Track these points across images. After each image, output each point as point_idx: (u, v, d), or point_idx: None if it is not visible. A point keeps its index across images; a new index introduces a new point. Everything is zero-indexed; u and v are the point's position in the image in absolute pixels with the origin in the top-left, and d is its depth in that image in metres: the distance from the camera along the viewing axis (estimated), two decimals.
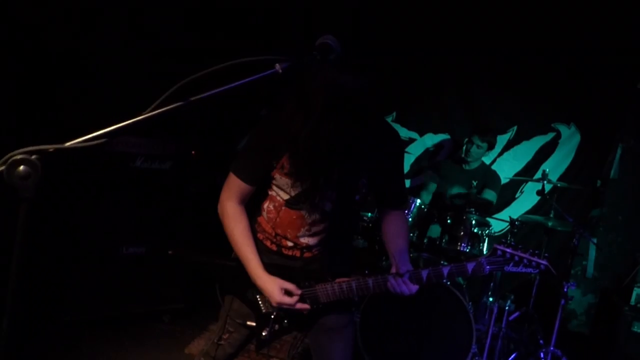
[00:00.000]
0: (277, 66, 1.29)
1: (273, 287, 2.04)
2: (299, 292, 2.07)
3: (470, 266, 1.98)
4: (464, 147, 4.79)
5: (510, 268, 1.96)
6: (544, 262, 1.93)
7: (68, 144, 1.16)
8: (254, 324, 2.18)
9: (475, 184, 4.41)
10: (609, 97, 5.05)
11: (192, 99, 1.23)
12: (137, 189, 3.72)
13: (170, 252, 2.24)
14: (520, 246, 1.97)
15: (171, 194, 3.86)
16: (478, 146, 4.59)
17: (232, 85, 1.26)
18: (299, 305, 2.06)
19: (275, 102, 2.01)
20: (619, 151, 5.22)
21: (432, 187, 4.84)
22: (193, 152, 3.91)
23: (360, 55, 1.80)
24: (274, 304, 2.06)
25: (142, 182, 3.72)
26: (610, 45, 4.87)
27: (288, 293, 2.05)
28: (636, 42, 4.80)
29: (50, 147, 1.13)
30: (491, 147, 4.66)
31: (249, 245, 2.10)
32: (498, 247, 1.97)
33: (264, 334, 2.14)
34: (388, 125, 2.23)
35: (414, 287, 2.02)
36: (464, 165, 4.76)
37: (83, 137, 1.18)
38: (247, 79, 1.27)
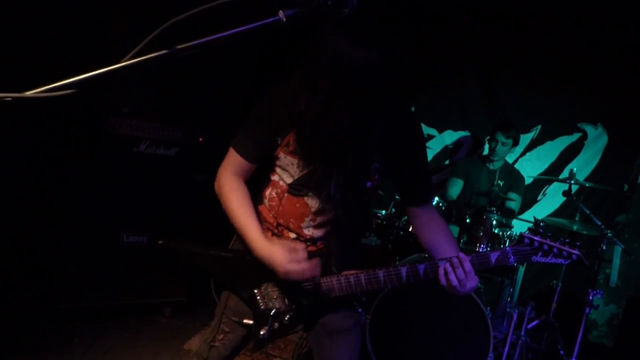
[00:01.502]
0: (281, 13, 1.10)
1: (275, 254, 1.77)
2: (305, 253, 1.80)
3: (493, 256, 1.75)
4: (488, 146, 4.59)
5: (538, 258, 1.74)
6: (575, 251, 1.72)
7: (29, 92, 0.98)
8: (251, 322, 1.97)
9: (501, 183, 4.21)
10: (638, 97, 4.79)
11: (179, 47, 1.04)
12: (140, 175, 3.55)
13: (160, 241, 2.04)
14: (549, 234, 1.75)
15: (176, 182, 3.69)
16: (503, 143, 4.42)
17: (226, 33, 1.07)
18: (308, 272, 1.79)
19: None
20: None
21: (459, 184, 4.64)
22: (200, 139, 3.74)
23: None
24: (281, 275, 1.80)
25: (145, 167, 3.55)
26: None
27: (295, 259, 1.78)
28: None
29: (8, 96, 0.96)
30: (516, 143, 4.48)
31: (249, 213, 1.86)
32: (525, 234, 1.75)
33: (262, 332, 1.91)
34: (407, 108, 2.02)
35: (473, 276, 1.72)
36: (488, 165, 4.56)
37: (47, 85, 0.99)
38: (243, 27, 1.08)
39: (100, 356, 3.21)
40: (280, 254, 1.77)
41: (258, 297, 1.95)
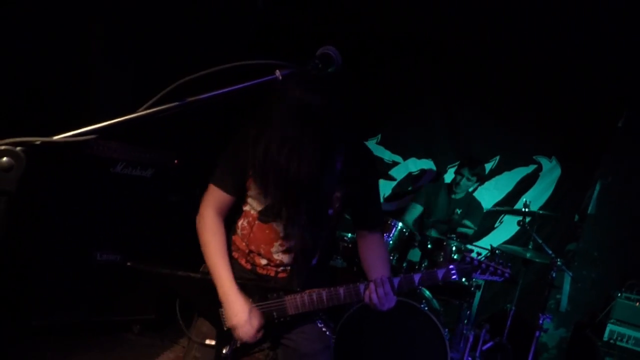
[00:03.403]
0: (278, 72, 1.26)
1: (240, 312, 1.99)
2: (259, 335, 2.04)
3: (440, 272, 2.01)
4: (454, 178, 4.80)
5: (477, 275, 2.04)
6: (507, 270, 2.04)
7: (56, 137, 1.11)
8: (213, 342, 2.09)
9: (459, 212, 4.42)
10: (590, 133, 5.14)
11: (189, 100, 1.19)
12: (116, 195, 3.63)
13: (128, 263, 2.16)
14: (487, 256, 2.05)
15: (151, 203, 3.78)
16: (468, 179, 4.64)
17: (231, 88, 1.23)
18: (252, 339, 2.02)
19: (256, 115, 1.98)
20: (597, 187, 5.28)
21: (418, 210, 4.84)
22: (176, 161, 3.84)
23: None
24: (230, 325, 2.01)
25: (121, 188, 3.63)
26: (594, 82, 4.99)
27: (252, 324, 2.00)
28: (619, 82, 4.92)
29: (37, 140, 1.09)
30: (480, 180, 4.71)
31: (223, 260, 2.04)
32: (467, 254, 2.04)
33: (224, 351, 2.05)
34: (363, 143, 2.22)
35: (391, 299, 1.98)
36: (450, 195, 4.80)
37: (72, 131, 1.13)
38: (245, 84, 1.24)
39: None
40: (241, 312, 1.98)
41: (223, 317, 2.07)
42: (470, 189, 4.87)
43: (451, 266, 1.99)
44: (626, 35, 4.23)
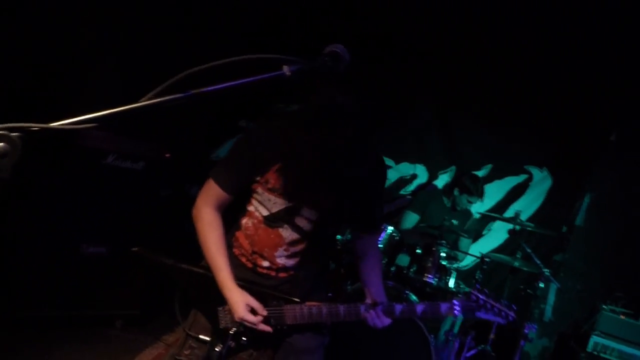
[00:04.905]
0: (285, 68, 1.23)
1: (239, 301, 1.95)
2: (264, 312, 1.99)
3: (443, 307, 2.01)
4: (453, 197, 4.76)
5: (481, 314, 2.02)
6: (512, 313, 2.02)
7: (55, 124, 1.07)
8: (208, 338, 2.07)
9: (455, 223, 4.44)
10: (582, 145, 5.17)
11: (192, 92, 1.15)
12: (106, 187, 3.58)
13: (134, 249, 2.13)
14: (492, 294, 2.03)
15: (140, 196, 3.73)
16: (469, 201, 4.65)
17: (236, 82, 1.19)
18: (261, 327, 1.98)
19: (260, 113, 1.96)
20: (586, 199, 5.30)
21: (414, 218, 4.82)
22: (167, 155, 3.79)
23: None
24: (237, 318, 1.96)
25: (111, 180, 3.58)
26: (589, 95, 5.02)
27: (253, 311, 1.97)
28: (613, 95, 4.95)
29: (35, 126, 1.05)
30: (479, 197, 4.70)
31: (222, 254, 2.01)
32: (473, 292, 2.02)
33: (216, 349, 2.02)
34: (377, 153, 2.19)
35: (387, 321, 2.02)
36: (445, 202, 4.79)
37: (71, 119, 1.08)
38: (252, 78, 1.21)
39: None
40: (241, 302, 1.95)
41: (221, 315, 2.05)
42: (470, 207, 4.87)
43: (455, 302, 2.00)
44: (621, 49, 4.26)
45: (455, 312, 2.00)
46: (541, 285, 4.18)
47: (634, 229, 5.13)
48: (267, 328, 1.99)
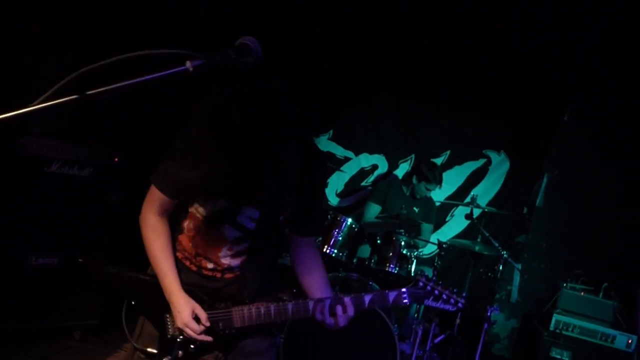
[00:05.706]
0: (188, 63, 1.19)
1: (185, 307, 1.89)
2: (207, 323, 1.92)
3: (391, 295, 1.95)
4: (412, 185, 4.76)
5: (429, 302, 1.98)
6: (461, 300, 1.98)
7: None
8: (155, 351, 2.00)
9: (417, 210, 4.45)
10: (537, 127, 5.25)
11: (88, 93, 1.10)
12: (52, 196, 3.46)
13: (81, 260, 2.07)
14: (441, 282, 1.98)
15: (90, 202, 3.63)
16: (427, 189, 4.65)
17: (135, 80, 1.14)
18: (201, 337, 1.91)
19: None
20: (544, 180, 5.38)
21: (375, 208, 4.81)
22: (116, 159, 3.70)
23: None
24: (179, 324, 1.90)
25: (57, 188, 3.47)
26: (540, 76, 5.08)
27: (197, 319, 1.91)
28: (564, 75, 5.02)
29: None
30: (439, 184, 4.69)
31: (168, 259, 1.96)
32: (420, 279, 1.97)
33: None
34: (316, 146, 2.15)
35: (342, 318, 1.94)
36: (405, 190, 4.79)
37: None
38: (152, 75, 1.16)
39: None
40: (186, 308, 1.89)
41: (168, 322, 1.98)
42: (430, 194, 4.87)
43: (404, 290, 1.94)
44: (571, 29, 4.31)
45: (404, 300, 1.96)
46: (500, 268, 4.20)
47: (591, 204, 5.23)
48: (208, 339, 1.93)
